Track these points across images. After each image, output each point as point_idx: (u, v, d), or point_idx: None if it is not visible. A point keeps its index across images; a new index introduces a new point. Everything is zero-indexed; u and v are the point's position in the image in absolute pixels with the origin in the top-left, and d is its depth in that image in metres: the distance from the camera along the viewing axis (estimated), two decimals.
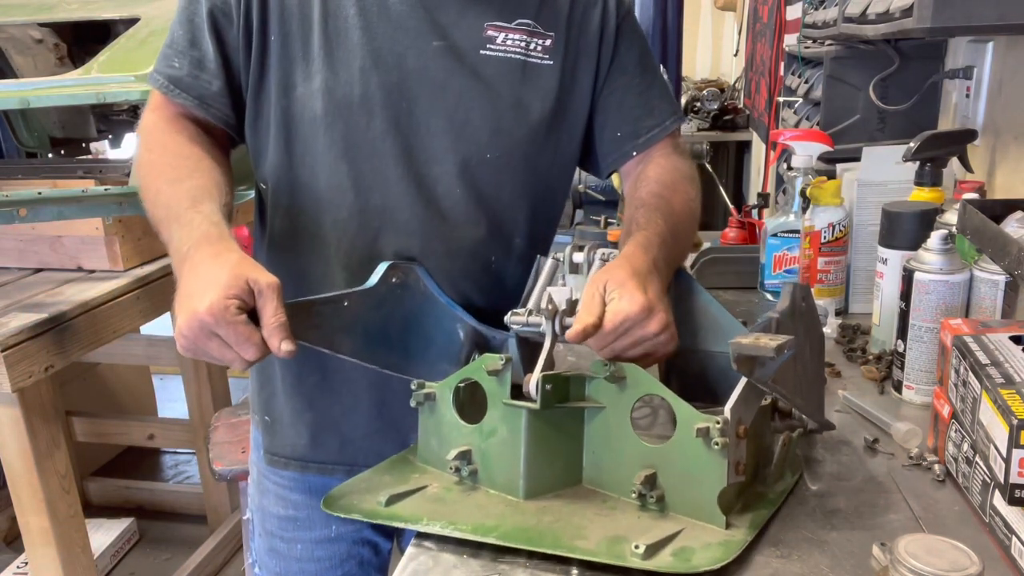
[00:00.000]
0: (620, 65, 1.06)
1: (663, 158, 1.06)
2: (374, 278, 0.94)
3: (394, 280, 0.95)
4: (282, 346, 0.76)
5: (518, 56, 0.99)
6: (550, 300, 0.84)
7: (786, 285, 0.84)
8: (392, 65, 0.96)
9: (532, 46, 1.00)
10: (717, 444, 0.74)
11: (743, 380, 0.76)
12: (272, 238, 1.04)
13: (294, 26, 0.96)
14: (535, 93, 1.01)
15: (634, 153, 1.07)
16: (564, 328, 0.83)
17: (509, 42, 0.99)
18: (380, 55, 0.96)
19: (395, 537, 1.20)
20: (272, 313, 0.76)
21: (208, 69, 0.98)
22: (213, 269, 0.77)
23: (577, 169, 2.01)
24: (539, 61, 1.01)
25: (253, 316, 0.77)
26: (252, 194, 1.08)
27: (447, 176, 0.98)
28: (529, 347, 0.89)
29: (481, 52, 0.98)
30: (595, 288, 0.82)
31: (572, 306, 0.84)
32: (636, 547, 0.71)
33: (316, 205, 0.99)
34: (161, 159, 0.94)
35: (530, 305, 0.91)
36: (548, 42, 1.01)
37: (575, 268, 0.94)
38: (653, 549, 0.72)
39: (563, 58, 1.02)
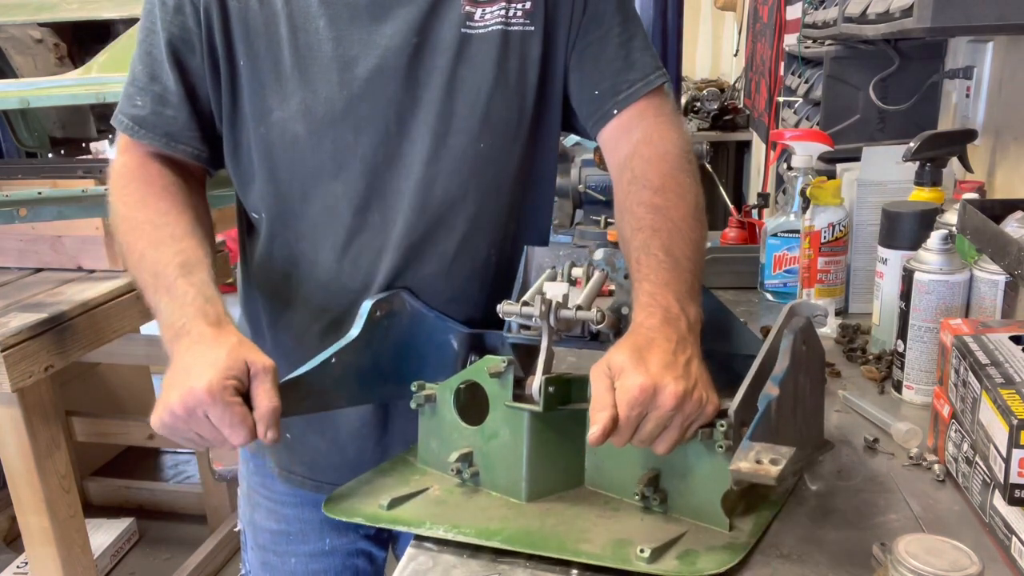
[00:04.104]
0: (595, 15, 0.96)
1: (649, 132, 0.95)
2: (358, 324, 0.90)
3: (378, 314, 0.92)
4: (268, 434, 0.75)
5: (498, 27, 0.92)
6: (543, 298, 0.81)
7: (785, 336, 0.78)
8: (371, 73, 0.91)
9: (511, 12, 0.92)
10: (721, 447, 0.74)
11: (746, 381, 0.76)
12: (270, 266, 1.01)
13: (262, 47, 0.91)
14: (519, 65, 0.94)
15: (615, 112, 0.96)
16: (559, 320, 0.82)
17: (488, 16, 0.92)
18: (357, 64, 0.90)
19: (390, 545, 1.19)
20: (265, 395, 0.76)
21: (171, 103, 0.94)
22: (213, 349, 0.76)
23: (577, 169, 1.99)
24: (520, 28, 0.93)
25: (246, 399, 0.76)
26: (232, 198, 1.05)
27: (441, 176, 0.93)
28: (523, 351, 0.89)
29: (462, 30, 0.91)
30: (599, 379, 0.73)
31: (567, 299, 0.84)
32: (641, 551, 0.71)
33: (313, 231, 0.96)
34: (140, 216, 0.91)
35: (526, 297, 0.88)
36: (528, 5, 0.93)
37: (573, 282, 0.90)
38: (658, 553, 0.72)
39: (544, 20, 0.94)
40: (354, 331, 0.90)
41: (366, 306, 0.91)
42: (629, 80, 0.96)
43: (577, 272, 0.90)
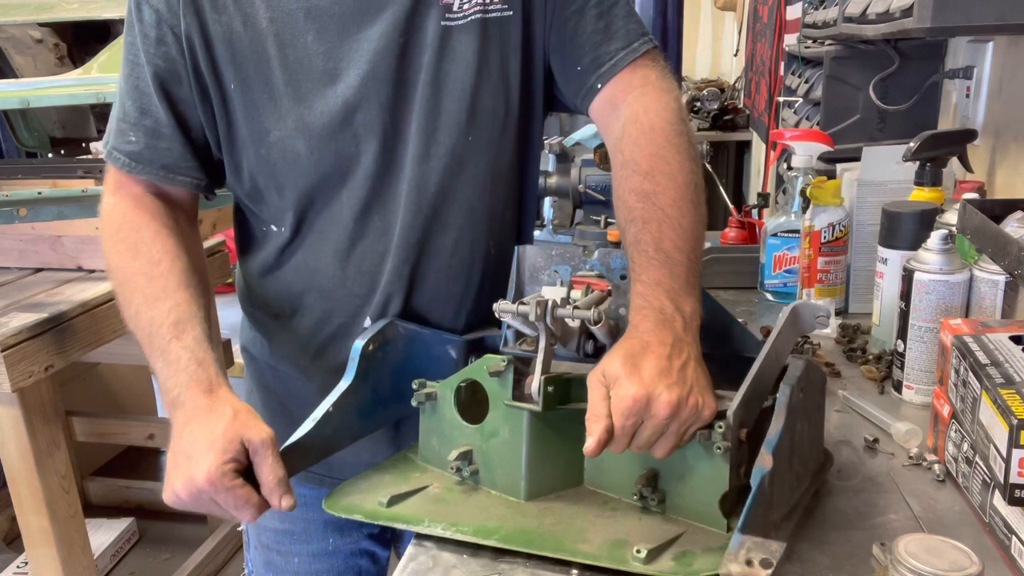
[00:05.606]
0: None
1: (635, 107, 0.91)
2: (351, 368, 0.88)
3: (371, 348, 0.90)
4: (283, 503, 0.75)
5: (476, 16, 0.92)
6: (540, 301, 0.81)
7: (781, 389, 0.75)
8: (363, 80, 0.90)
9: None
10: (719, 448, 0.74)
11: (745, 383, 0.76)
12: (274, 275, 1.01)
13: (251, 68, 0.91)
14: (500, 53, 0.93)
15: (599, 85, 0.94)
16: (556, 320, 0.81)
17: (467, 5, 0.91)
18: (348, 73, 0.91)
19: (392, 545, 1.19)
20: (269, 470, 0.76)
21: (164, 136, 0.94)
22: (208, 427, 0.76)
23: (577, 169, 1.99)
24: (499, 14, 0.92)
25: (249, 472, 0.76)
26: (232, 197, 1.04)
27: (434, 173, 0.93)
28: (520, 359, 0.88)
29: (442, 23, 0.91)
30: (594, 388, 0.73)
31: (564, 300, 0.83)
32: (638, 551, 0.71)
33: (317, 239, 0.97)
34: (132, 266, 0.90)
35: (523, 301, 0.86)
36: None
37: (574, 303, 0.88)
38: (655, 553, 0.72)
39: (521, 3, 0.93)
40: (346, 380, 0.88)
41: (357, 347, 0.89)
42: (610, 51, 0.94)
43: (576, 295, 0.89)
